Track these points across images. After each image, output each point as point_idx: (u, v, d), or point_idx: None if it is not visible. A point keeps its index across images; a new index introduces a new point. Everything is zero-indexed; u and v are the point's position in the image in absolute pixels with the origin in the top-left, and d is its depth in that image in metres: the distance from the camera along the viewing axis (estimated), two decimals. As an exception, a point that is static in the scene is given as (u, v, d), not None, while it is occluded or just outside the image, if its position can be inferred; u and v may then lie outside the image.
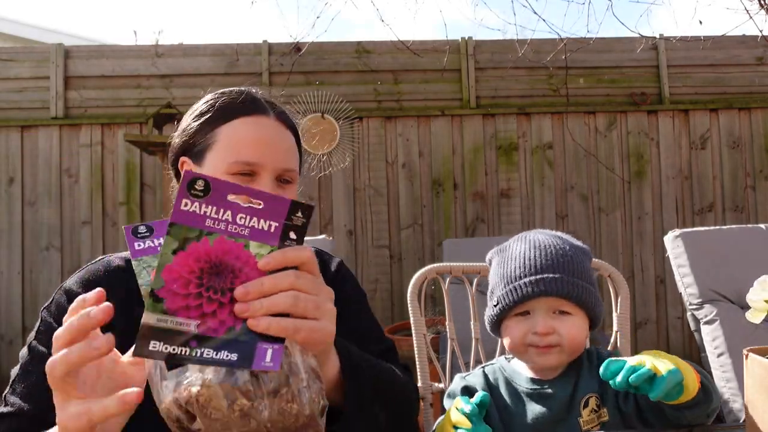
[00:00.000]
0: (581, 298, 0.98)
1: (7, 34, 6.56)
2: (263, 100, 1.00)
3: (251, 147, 0.94)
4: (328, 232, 3.86)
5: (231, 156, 0.94)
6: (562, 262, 1.00)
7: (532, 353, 0.98)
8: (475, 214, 3.93)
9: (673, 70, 4.07)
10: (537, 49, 3.96)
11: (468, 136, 3.97)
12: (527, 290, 0.98)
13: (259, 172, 0.94)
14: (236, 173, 0.93)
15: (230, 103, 0.99)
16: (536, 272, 0.98)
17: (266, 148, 0.95)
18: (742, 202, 4.00)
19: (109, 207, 3.83)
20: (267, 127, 0.97)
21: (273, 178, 0.94)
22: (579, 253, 1.03)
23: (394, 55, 4.01)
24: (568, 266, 0.99)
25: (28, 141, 3.83)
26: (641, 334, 3.91)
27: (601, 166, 3.98)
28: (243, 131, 0.96)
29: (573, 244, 1.05)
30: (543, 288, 0.97)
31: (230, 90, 1.01)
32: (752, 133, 4.05)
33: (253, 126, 0.96)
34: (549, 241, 1.03)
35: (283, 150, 0.97)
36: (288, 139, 0.99)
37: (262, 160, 0.93)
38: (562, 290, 0.97)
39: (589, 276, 1.03)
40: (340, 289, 1.00)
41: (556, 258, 1.00)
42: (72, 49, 3.95)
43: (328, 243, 2.04)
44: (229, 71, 3.92)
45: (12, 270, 3.75)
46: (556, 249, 1.01)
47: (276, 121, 0.98)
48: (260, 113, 0.98)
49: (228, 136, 0.95)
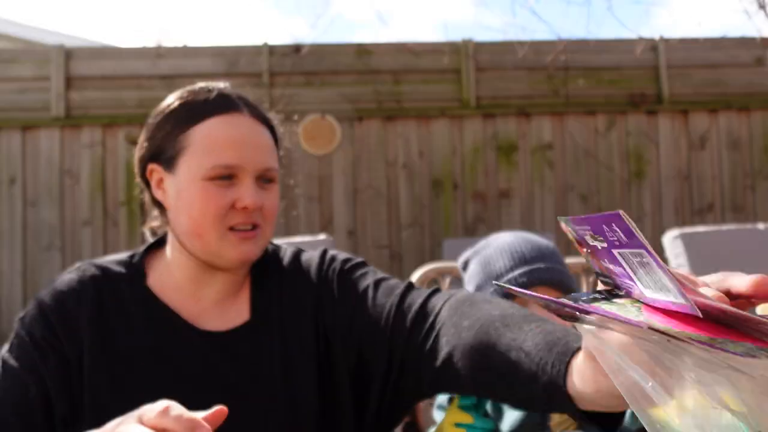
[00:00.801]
0: (570, 287, 0.99)
1: (9, 36, 6.57)
2: (234, 96, 0.93)
3: (229, 148, 0.87)
4: (329, 233, 3.87)
5: (208, 160, 0.86)
6: (547, 252, 1.01)
7: None
8: (475, 215, 3.94)
9: (673, 71, 4.07)
10: (537, 50, 3.97)
11: (468, 136, 3.98)
12: (522, 280, 0.98)
13: (239, 174, 0.87)
14: (215, 178, 0.87)
15: (200, 101, 0.90)
16: (527, 263, 0.99)
17: (245, 148, 0.88)
18: (742, 203, 4.01)
19: (110, 207, 3.84)
20: (243, 125, 0.90)
21: (254, 179, 0.88)
22: (553, 245, 1.06)
23: (395, 55, 4.01)
24: (553, 256, 1.01)
25: (29, 141, 3.84)
26: (641, 334, 3.92)
27: (600, 166, 3.99)
28: (218, 132, 0.88)
29: (544, 238, 1.09)
30: (538, 277, 0.97)
31: (197, 87, 0.93)
32: (751, 134, 4.06)
33: (229, 125, 0.89)
34: (526, 236, 1.05)
35: (262, 148, 0.90)
36: (266, 136, 0.93)
37: (242, 162, 0.87)
38: (555, 278, 0.98)
39: (566, 266, 1.05)
40: (351, 284, 0.93)
41: (541, 249, 1.01)
42: (73, 50, 3.96)
43: (328, 243, 2.05)
44: (229, 72, 3.93)
45: (13, 270, 3.76)
46: (536, 241, 1.03)
47: (251, 117, 0.91)
48: (233, 110, 0.90)
49: (202, 138, 0.88)
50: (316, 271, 0.96)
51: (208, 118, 0.88)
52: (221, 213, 0.86)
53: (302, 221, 3.88)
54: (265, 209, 0.89)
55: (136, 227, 3.82)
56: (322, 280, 0.95)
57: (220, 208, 0.86)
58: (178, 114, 0.90)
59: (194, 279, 0.92)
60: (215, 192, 0.86)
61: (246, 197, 0.86)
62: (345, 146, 3.89)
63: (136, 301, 0.89)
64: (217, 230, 0.86)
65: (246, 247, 0.87)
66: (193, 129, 0.88)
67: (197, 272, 0.92)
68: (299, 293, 0.94)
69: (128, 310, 0.88)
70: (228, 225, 0.87)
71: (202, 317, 0.90)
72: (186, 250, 0.90)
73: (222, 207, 0.86)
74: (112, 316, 0.87)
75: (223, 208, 0.86)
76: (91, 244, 3.79)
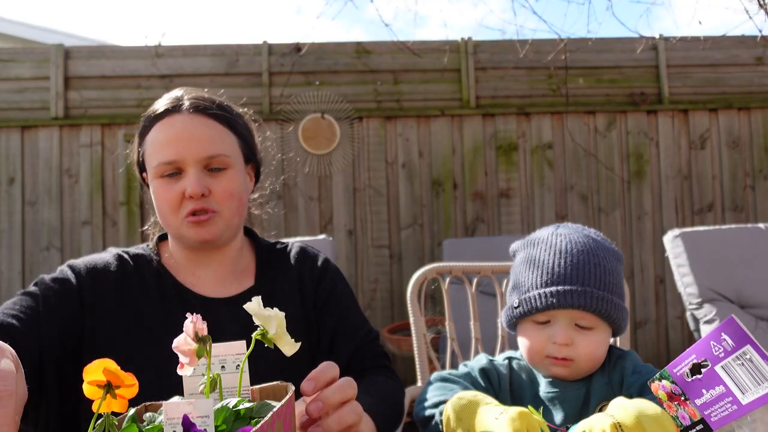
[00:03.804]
0: (605, 312, 0.93)
1: (8, 35, 6.56)
2: (178, 98, 1.04)
3: (167, 146, 0.99)
4: (328, 232, 3.87)
5: (154, 160, 1.00)
6: (593, 271, 0.94)
7: (548, 363, 0.95)
8: (475, 214, 3.93)
9: (673, 70, 4.07)
10: (537, 50, 3.96)
11: (468, 136, 3.97)
12: (551, 300, 0.93)
13: (184, 167, 0.99)
14: (163, 175, 0.99)
15: (150, 112, 1.04)
16: (561, 282, 0.93)
17: (181, 143, 0.99)
18: (742, 202, 4.00)
19: (109, 207, 3.83)
20: (178, 122, 1.01)
21: (199, 170, 0.99)
22: (610, 260, 0.97)
23: (394, 55, 4.01)
24: (595, 277, 0.94)
25: (28, 141, 3.83)
26: (641, 333, 3.91)
27: (600, 166, 3.98)
28: (159, 134, 1.01)
29: (605, 247, 0.99)
30: (567, 300, 0.92)
31: (159, 103, 1.05)
32: (752, 133, 4.05)
33: (166, 126, 1.01)
34: (579, 246, 0.96)
35: (201, 140, 1.00)
36: (208, 126, 1.02)
37: (181, 156, 0.98)
38: (586, 304, 0.92)
39: (617, 286, 0.97)
40: (331, 285, 1.12)
41: (583, 267, 0.94)
42: (72, 49, 3.95)
43: (328, 243, 2.04)
44: (229, 71, 3.92)
45: (12, 270, 3.75)
46: (585, 256, 0.95)
47: (190, 114, 1.01)
48: (172, 113, 1.02)
49: (150, 144, 1.02)
50: (310, 272, 1.13)
51: (154, 125, 1.02)
52: (174, 204, 0.99)
53: (302, 221, 3.87)
54: (216, 194, 1.00)
55: (135, 227, 3.81)
56: (316, 280, 1.12)
57: (171, 200, 0.99)
58: (140, 126, 1.06)
59: (190, 260, 1.07)
60: (165, 187, 1.00)
61: (189, 186, 0.97)
62: (344, 146, 3.89)
63: (151, 275, 1.04)
64: (176, 218, 1.00)
65: (201, 229, 1.00)
66: (146, 138, 1.04)
67: (189, 254, 1.07)
68: (295, 279, 1.11)
69: (146, 282, 1.03)
70: (184, 213, 0.99)
71: (204, 289, 1.06)
72: (172, 236, 1.07)
73: (172, 199, 0.99)
74: (133, 283, 1.02)
75: (175, 199, 0.99)
76: (90, 243, 3.78)
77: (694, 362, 0.56)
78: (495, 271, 1.57)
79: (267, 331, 0.61)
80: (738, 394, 0.53)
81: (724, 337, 0.54)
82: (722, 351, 0.54)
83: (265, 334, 0.61)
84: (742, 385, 0.52)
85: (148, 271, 1.04)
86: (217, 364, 0.63)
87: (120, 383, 0.54)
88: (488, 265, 1.57)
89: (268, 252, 1.14)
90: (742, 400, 0.52)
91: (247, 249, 1.14)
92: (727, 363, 0.53)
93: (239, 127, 1.07)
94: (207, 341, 0.59)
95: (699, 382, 0.55)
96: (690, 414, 0.57)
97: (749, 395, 0.52)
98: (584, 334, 0.93)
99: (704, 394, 0.55)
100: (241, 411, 0.55)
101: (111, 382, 0.53)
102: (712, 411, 0.54)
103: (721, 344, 0.54)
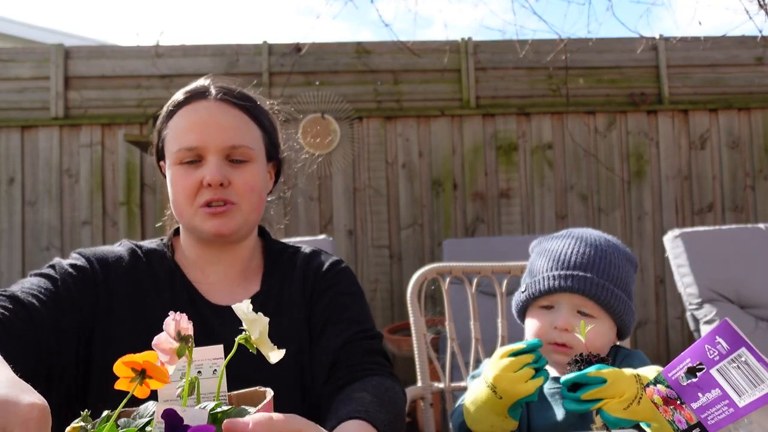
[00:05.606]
0: (607, 302, 0.95)
1: (8, 35, 6.56)
2: (205, 85, 1.01)
3: (190, 132, 0.95)
4: (328, 232, 3.87)
5: (175, 146, 0.96)
6: (597, 262, 0.97)
7: (549, 350, 0.97)
8: (475, 214, 3.93)
9: (673, 70, 4.07)
10: (537, 50, 3.96)
11: (468, 136, 3.97)
12: (552, 284, 0.96)
13: (205, 155, 0.95)
14: (183, 162, 0.96)
15: (175, 100, 1.01)
16: (566, 267, 0.96)
17: (205, 130, 0.95)
18: (742, 202, 4.00)
19: (109, 207, 3.83)
20: (204, 109, 0.97)
21: (221, 159, 0.95)
22: (619, 257, 1.00)
23: (394, 55, 4.01)
24: (600, 267, 0.96)
25: (28, 141, 3.83)
26: (641, 333, 3.91)
27: (600, 166, 3.98)
28: (182, 120, 0.97)
29: (617, 247, 1.01)
30: (568, 284, 0.95)
31: (185, 89, 1.02)
32: (752, 133, 4.05)
33: (191, 112, 0.97)
34: (591, 240, 1.00)
35: (225, 128, 0.96)
36: (233, 116, 0.98)
37: (203, 143, 0.94)
38: (587, 290, 0.94)
39: (624, 283, 0.99)
40: (332, 282, 1.07)
41: (592, 257, 0.97)
42: (72, 49, 3.95)
43: (328, 243, 2.04)
44: (229, 71, 3.92)
45: (12, 270, 3.75)
46: (593, 248, 0.98)
47: (217, 101, 0.98)
48: (199, 99, 0.98)
49: (172, 129, 0.98)
50: (315, 272, 1.07)
51: (178, 110, 0.99)
52: (191, 192, 0.95)
53: (302, 221, 3.87)
54: (236, 186, 0.96)
55: (136, 227, 3.81)
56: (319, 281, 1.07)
57: (189, 187, 0.95)
58: (162, 113, 1.02)
59: (200, 256, 1.03)
60: (184, 173, 0.96)
61: (208, 174, 0.93)
62: (344, 146, 3.88)
63: (163, 272, 1.00)
64: (191, 207, 0.96)
65: (217, 221, 0.95)
66: (168, 124, 1.00)
67: (200, 250, 1.03)
68: (300, 282, 1.06)
69: (157, 277, 0.99)
70: (200, 203, 0.95)
71: (211, 293, 1.01)
72: (184, 229, 1.03)
73: (190, 186, 0.95)
74: (144, 278, 0.99)
75: (192, 187, 0.95)
76: (90, 243, 3.78)
77: (689, 366, 0.57)
78: (495, 271, 1.57)
79: (249, 336, 0.60)
80: (734, 397, 0.53)
81: (719, 340, 0.54)
82: (717, 354, 0.55)
83: (248, 339, 0.60)
84: (738, 388, 0.53)
85: (160, 267, 1.01)
86: (193, 369, 0.61)
87: (153, 375, 0.55)
88: (488, 265, 1.57)
89: (277, 255, 1.10)
90: (739, 402, 0.53)
91: (258, 251, 1.11)
92: (723, 366, 0.54)
93: (265, 121, 1.04)
94: (189, 340, 0.58)
95: (695, 385, 0.56)
96: (686, 418, 0.57)
97: (746, 398, 0.52)
98: (586, 321, 0.94)
99: (700, 398, 0.56)
100: (218, 415, 0.55)
101: (146, 370, 0.55)
102: (709, 414, 0.55)
103: (715, 347, 0.54)
